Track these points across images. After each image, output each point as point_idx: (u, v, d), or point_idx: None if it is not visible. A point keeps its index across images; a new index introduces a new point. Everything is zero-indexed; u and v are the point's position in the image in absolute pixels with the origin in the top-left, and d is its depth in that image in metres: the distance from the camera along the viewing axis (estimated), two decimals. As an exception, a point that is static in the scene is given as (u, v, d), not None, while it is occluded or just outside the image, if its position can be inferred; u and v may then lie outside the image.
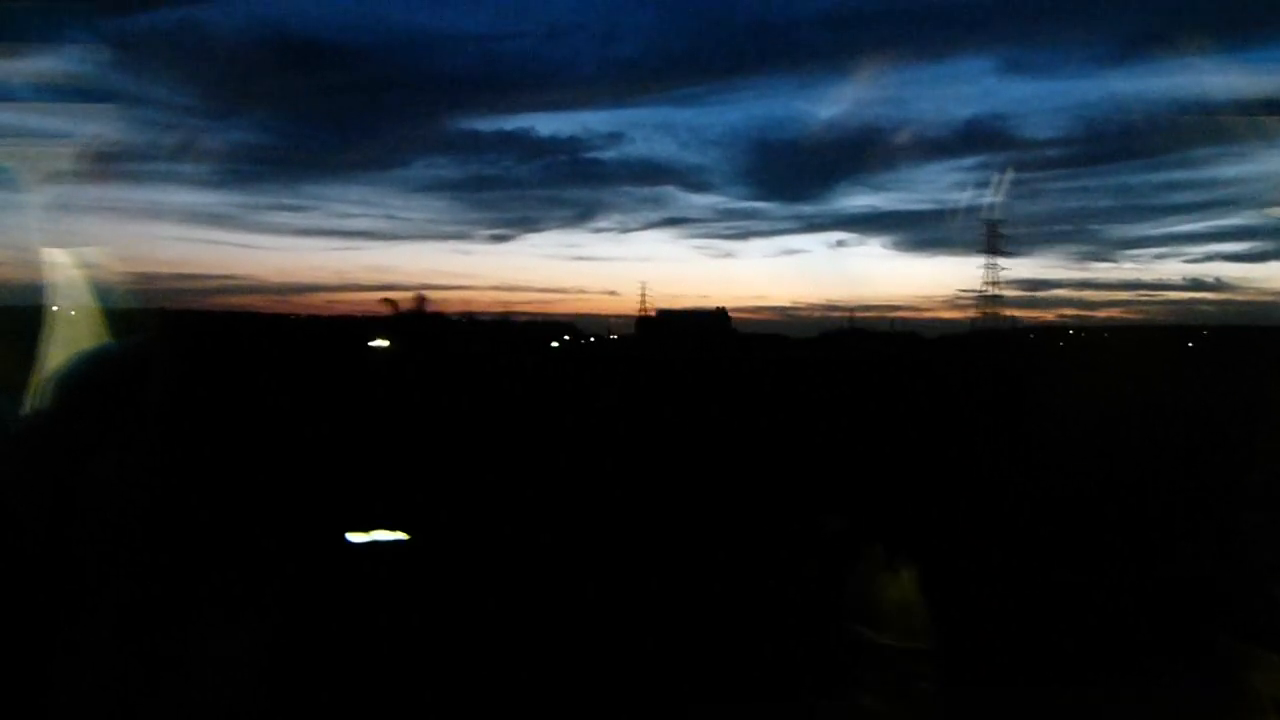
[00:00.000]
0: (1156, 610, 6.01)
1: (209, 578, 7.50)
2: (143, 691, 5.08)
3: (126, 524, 7.53)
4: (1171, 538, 7.65)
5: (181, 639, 5.82)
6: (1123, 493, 10.21)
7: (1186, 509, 8.67)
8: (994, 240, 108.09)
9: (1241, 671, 5.09)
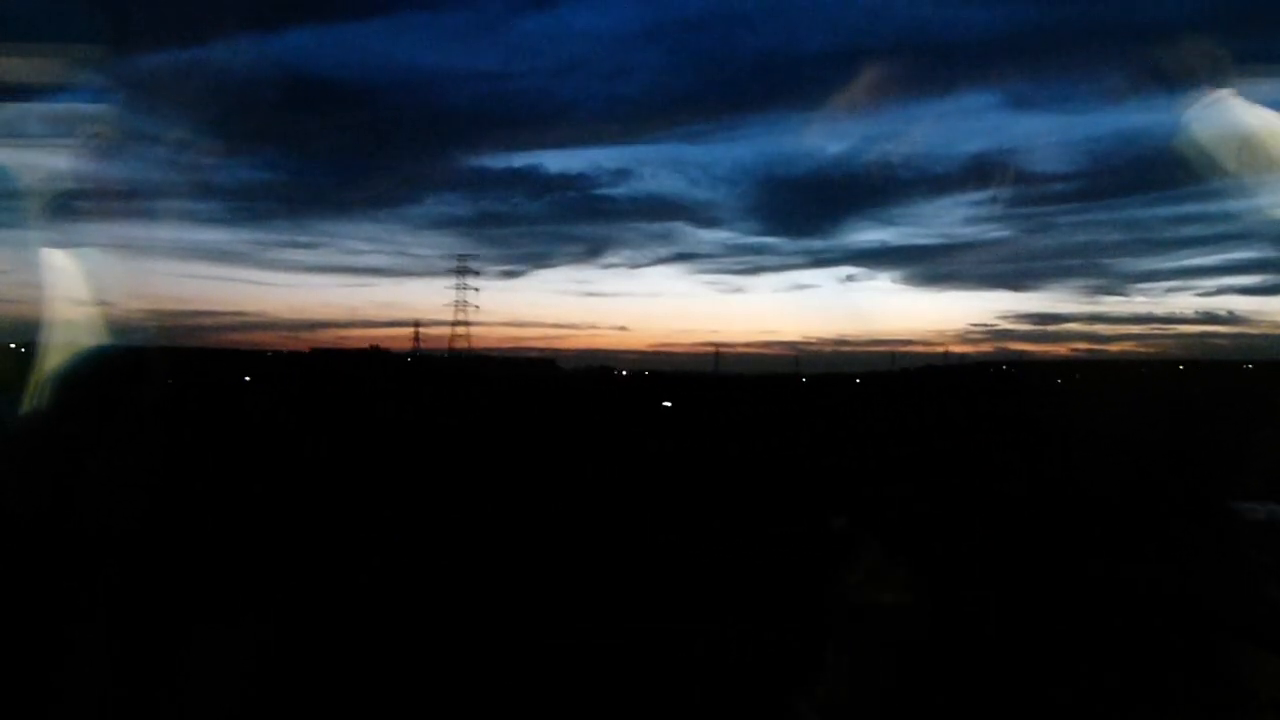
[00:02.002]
0: (1156, 611, 6.03)
1: (205, 580, 7.57)
2: (142, 691, 5.14)
3: (122, 522, 7.66)
4: (1173, 542, 7.70)
5: (179, 640, 5.88)
6: (1122, 498, 10.29)
7: (1188, 514, 8.73)
8: (463, 265, 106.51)
9: (1241, 672, 5.10)
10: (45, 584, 6.81)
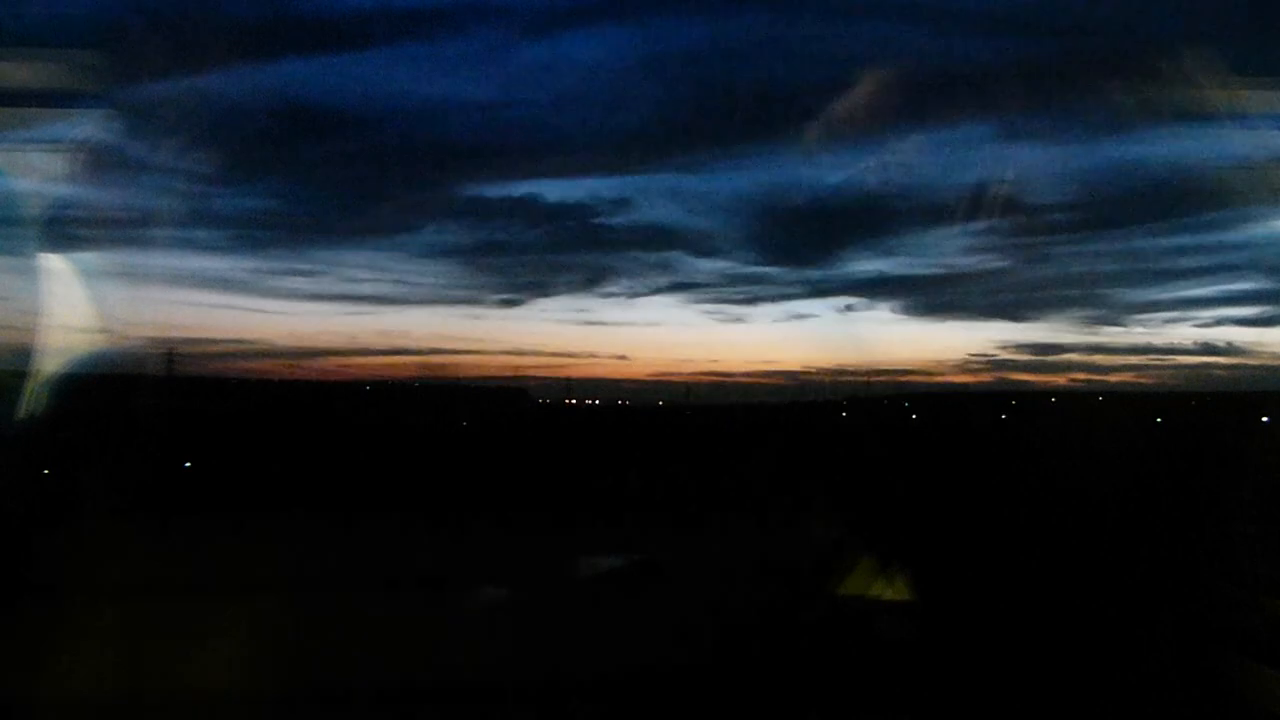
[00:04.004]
0: (1153, 624, 5.99)
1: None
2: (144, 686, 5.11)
3: (123, 526, 7.62)
4: (1168, 554, 7.68)
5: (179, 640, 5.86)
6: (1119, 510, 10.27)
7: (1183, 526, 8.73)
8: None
9: (1236, 686, 5.06)
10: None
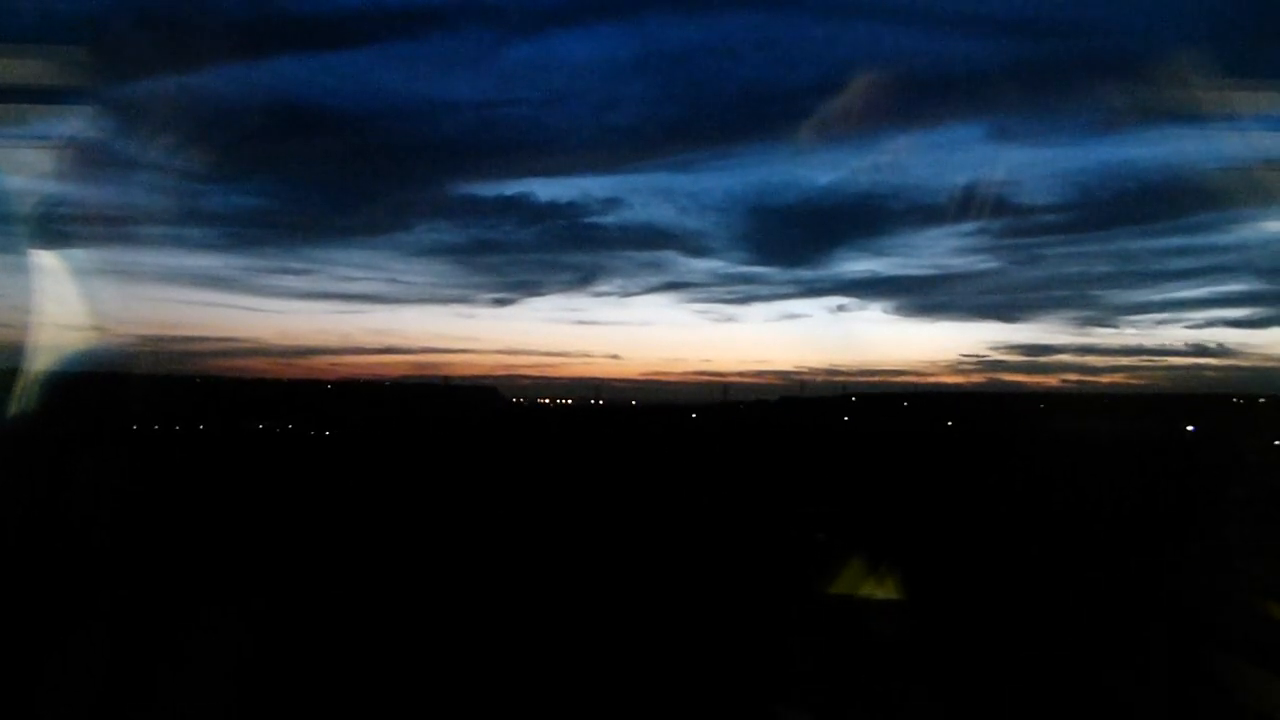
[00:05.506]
0: (1147, 624, 6.01)
1: (197, 579, 7.52)
2: (137, 689, 5.08)
3: (110, 525, 7.60)
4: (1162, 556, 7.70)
5: (172, 637, 5.83)
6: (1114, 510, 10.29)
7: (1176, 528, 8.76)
8: None
9: (1231, 687, 5.07)
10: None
